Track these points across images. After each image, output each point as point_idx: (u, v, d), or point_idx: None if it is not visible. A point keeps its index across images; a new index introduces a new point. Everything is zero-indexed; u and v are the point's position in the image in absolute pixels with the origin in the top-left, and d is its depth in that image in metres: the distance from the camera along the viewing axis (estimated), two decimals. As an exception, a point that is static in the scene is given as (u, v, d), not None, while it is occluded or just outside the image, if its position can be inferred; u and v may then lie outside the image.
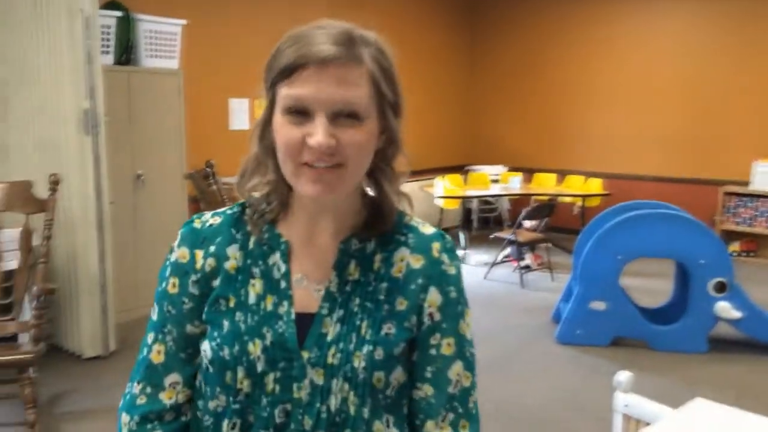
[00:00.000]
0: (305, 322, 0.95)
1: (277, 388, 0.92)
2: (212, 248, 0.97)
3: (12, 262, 3.34)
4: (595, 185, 6.81)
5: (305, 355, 0.93)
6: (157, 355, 0.99)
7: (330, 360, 0.93)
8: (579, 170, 7.35)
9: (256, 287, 0.96)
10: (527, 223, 5.92)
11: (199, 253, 0.97)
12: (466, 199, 7.42)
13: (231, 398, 0.93)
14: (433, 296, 0.98)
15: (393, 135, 0.96)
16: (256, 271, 0.97)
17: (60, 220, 3.65)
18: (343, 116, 0.87)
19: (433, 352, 0.98)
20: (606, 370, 3.41)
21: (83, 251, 3.79)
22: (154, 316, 1.00)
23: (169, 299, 0.98)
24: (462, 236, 6.83)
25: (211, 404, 0.95)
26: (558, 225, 7.08)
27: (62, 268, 3.91)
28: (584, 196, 6.75)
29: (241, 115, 5.74)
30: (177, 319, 0.98)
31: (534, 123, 8.02)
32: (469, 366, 1.02)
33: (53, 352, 3.95)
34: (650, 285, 5.20)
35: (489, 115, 8.42)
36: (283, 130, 0.88)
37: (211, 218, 1.01)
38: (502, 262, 6.13)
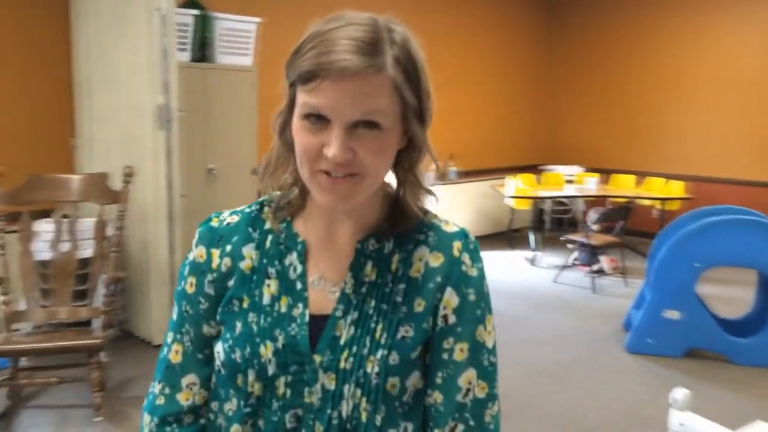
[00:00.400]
0: (320, 324, 0.92)
1: (288, 392, 0.90)
2: (228, 247, 0.96)
3: (88, 251, 3.51)
4: (677, 188, 6.51)
5: (317, 358, 0.90)
6: (175, 355, 0.99)
7: (342, 364, 0.89)
8: (660, 172, 7.03)
9: (270, 288, 0.94)
10: (595, 226, 5.72)
11: (216, 252, 0.96)
12: (538, 200, 7.25)
13: (242, 402, 0.92)
14: (449, 297, 0.93)
15: (415, 137, 0.91)
16: (271, 271, 0.94)
17: (133, 212, 3.79)
18: (361, 125, 0.84)
19: (445, 356, 0.93)
20: (677, 384, 3.23)
21: (154, 242, 3.93)
22: (174, 316, 1.00)
23: (186, 299, 0.98)
24: (532, 237, 6.67)
25: (226, 407, 0.95)
26: (636, 228, 6.81)
27: (135, 258, 4.08)
28: (664, 200, 6.46)
29: (313, 111, 5.81)
30: (194, 319, 0.98)
31: (613, 121, 7.74)
32: (486, 376, 0.95)
33: (125, 338, 4.12)
34: (730, 294, 4.93)
35: (565, 114, 8.20)
36: (301, 136, 0.86)
37: (228, 217, 0.99)
38: (573, 265, 5.95)
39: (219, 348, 0.94)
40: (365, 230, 0.95)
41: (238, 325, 0.93)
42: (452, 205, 7.02)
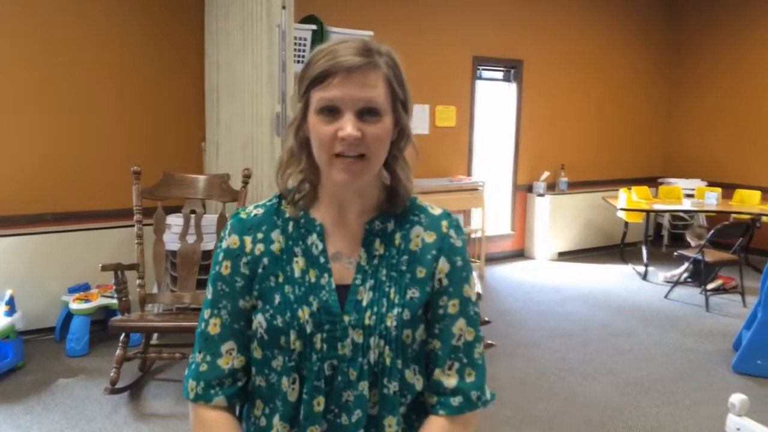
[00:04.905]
0: (342, 292, 1.13)
1: (325, 346, 1.11)
2: (260, 235, 1.17)
3: (210, 243, 3.90)
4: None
5: (346, 318, 1.11)
6: (214, 327, 1.17)
7: (367, 322, 1.11)
8: (790, 188, 6.61)
9: (299, 263, 1.14)
10: (693, 242, 5.52)
11: (248, 239, 1.16)
12: (655, 214, 7.03)
13: (287, 357, 1.12)
14: (443, 264, 1.16)
15: (404, 127, 1.14)
16: (297, 250, 1.15)
17: (251, 210, 4.14)
18: (365, 113, 1.06)
19: (440, 311, 1.16)
20: (779, 405, 3.12)
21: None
22: (209, 295, 1.19)
23: (222, 280, 1.17)
24: (644, 252, 6.48)
25: (273, 363, 1.14)
26: (761, 246, 6.44)
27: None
28: (791, 217, 6.07)
29: (422, 120, 6.02)
30: (231, 296, 1.16)
31: (736, 134, 7.35)
32: (472, 323, 1.18)
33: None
34: None
35: (686, 125, 7.87)
36: (318, 127, 1.08)
37: (254, 209, 1.20)
38: (686, 282, 5.74)
39: (260, 319, 1.14)
40: (369, 212, 1.17)
41: (277, 296, 1.13)
42: (561, 215, 6.98)
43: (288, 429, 1.13)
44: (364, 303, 1.12)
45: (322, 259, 1.14)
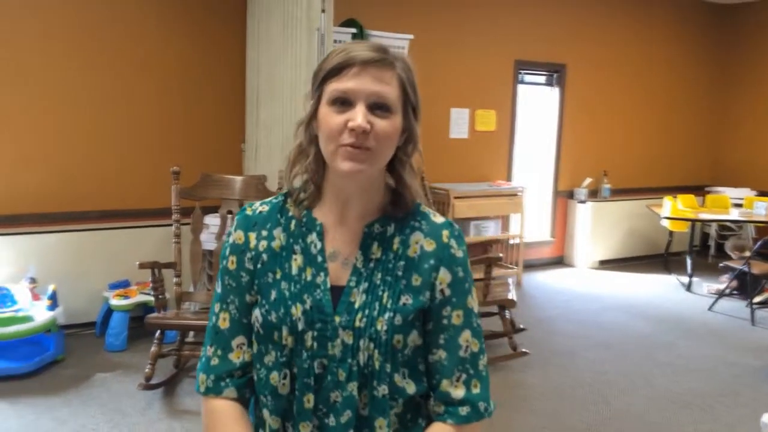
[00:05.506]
0: (336, 293, 1.14)
1: (315, 345, 1.12)
2: (264, 232, 1.19)
3: (246, 243, 3.93)
4: None
5: (337, 319, 1.12)
6: (223, 322, 1.20)
7: (357, 324, 1.11)
8: None
9: (297, 261, 1.16)
10: (734, 255, 5.34)
11: (252, 236, 1.19)
12: (704, 223, 6.83)
13: (279, 353, 1.14)
14: (443, 275, 1.16)
15: (412, 133, 1.16)
16: (297, 248, 1.17)
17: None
18: (377, 108, 1.08)
19: (444, 322, 1.16)
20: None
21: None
22: (218, 289, 1.22)
23: (229, 274, 1.20)
24: (689, 262, 6.29)
25: (266, 359, 1.16)
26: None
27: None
28: None
29: (462, 124, 5.98)
30: (238, 291, 1.19)
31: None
32: (476, 334, 1.19)
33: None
34: None
35: (737, 132, 7.62)
36: (328, 117, 1.09)
37: (260, 206, 1.23)
38: (732, 294, 5.56)
39: (257, 313, 1.16)
40: (371, 214, 1.17)
41: (273, 293, 1.15)
42: (603, 222, 6.84)
43: (280, 423, 1.16)
44: (357, 305, 1.13)
45: (319, 258, 1.16)
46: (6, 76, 4.22)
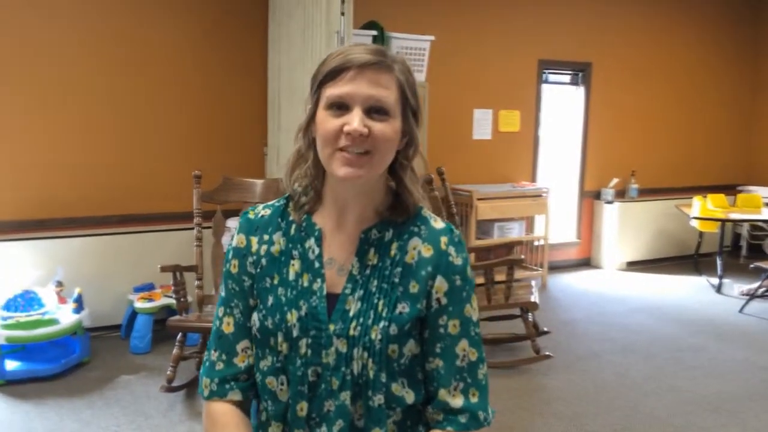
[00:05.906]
0: (332, 300, 1.12)
1: (309, 352, 1.10)
2: (266, 236, 1.18)
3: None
4: None
5: (332, 327, 1.10)
6: (227, 326, 1.19)
7: (352, 332, 1.09)
8: None
9: (295, 267, 1.15)
10: None
11: (254, 239, 1.18)
12: (736, 223, 6.67)
13: (274, 358, 1.13)
14: (440, 283, 1.13)
15: (413, 137, 1.14)
16: (295, 253, 1.16)
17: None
18: (374, 111, 1.07)
19: (441, 331, 1.13)
20: None
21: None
22: (223, 293, 1.21)
23: (232, 278, 1.19)
24: (719, 263, 6.15)
25: (261, 363, 1.15)
26: None
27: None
28: None
29: (485, 125, 5.93)
30: (241, 295, 1.18)
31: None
32: (475, 343, 1.16)
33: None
34: None
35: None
36: (325, 122, 1.07)
37: (262, 210, 1.22)
38: (763, 295, 5.42)
39: (255, 318, 1.16)
40: (369, 219, 1.15)
41: (270, 298, 1.14)
42: (631, 223, 6.73)
43: (281, 428, 1.15)
44: (351, 313, 1.11)
45: (316, 264, 1.14)
46: (40, 88, 4.31)
